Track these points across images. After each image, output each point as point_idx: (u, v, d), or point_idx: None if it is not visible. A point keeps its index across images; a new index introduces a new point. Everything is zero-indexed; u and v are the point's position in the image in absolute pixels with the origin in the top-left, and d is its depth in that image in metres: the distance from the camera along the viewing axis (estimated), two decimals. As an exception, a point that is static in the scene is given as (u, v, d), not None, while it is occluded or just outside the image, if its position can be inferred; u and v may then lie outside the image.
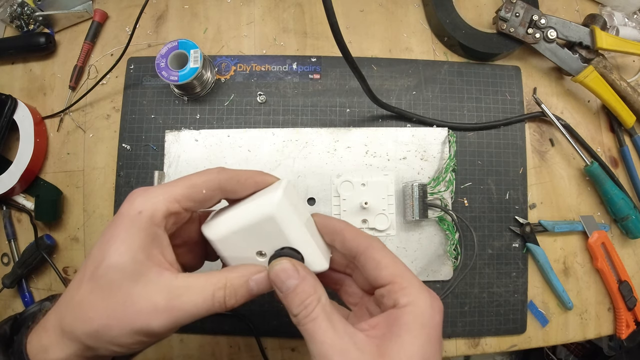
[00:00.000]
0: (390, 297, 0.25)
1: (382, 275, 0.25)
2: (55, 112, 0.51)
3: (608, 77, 0.50)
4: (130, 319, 0.23)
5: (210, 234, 0.27)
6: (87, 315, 0.23)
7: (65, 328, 0.24)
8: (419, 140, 0.49)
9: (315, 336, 0.23)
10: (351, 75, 0.48)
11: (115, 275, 0.23)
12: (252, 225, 0.26)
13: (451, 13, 0.51)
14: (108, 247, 0.24)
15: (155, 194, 0.25)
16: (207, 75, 0.49)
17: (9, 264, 0.50)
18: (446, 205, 0.47)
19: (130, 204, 0.25)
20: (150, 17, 0.53)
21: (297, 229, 0.26)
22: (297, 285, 0.24)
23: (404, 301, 0.24)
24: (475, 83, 0.51)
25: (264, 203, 0.26)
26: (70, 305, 0.24)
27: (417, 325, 0.23)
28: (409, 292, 0.24)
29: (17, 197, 0.50)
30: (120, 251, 0.23)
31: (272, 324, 0.47)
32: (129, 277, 0.23)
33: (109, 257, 0.23)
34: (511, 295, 0.48)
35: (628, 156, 0.51)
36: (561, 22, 0.49)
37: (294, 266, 0.25)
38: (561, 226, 0.49)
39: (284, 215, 0.26)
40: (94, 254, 0.24)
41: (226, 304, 0.24)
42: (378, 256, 0.26)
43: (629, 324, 0.49)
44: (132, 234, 0.24)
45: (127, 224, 0.24)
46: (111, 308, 0.23)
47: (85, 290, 0.24)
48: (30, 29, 0.53)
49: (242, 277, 0.25)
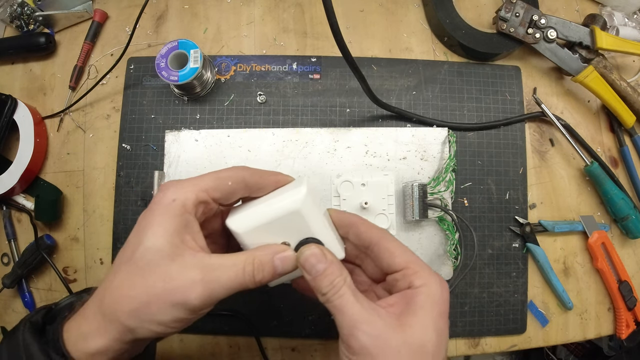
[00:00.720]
0: (405, 280, 0.28)
1: (396, 262, 0.29)
2: (55, 112, 0.51)
3: (608, 77, 0.50)
4: (170, 294, 0.24)
5: (235, 227, 0.29)
6: (127, 295, 0.25)
7: (105, 311, 0.25)
8: (419, 140, 0.49)
9: (344, 310, 0.26)
10: (351, 75, 0.48)
11: (153, 256, 0.25)
12: (278, 219, 0.28)
13: (451, 13, 0.51)
14: (145, 232, 0.26)
15: (186, 185, 0.27)
16: (207, 75, 0.49)
17: (9, 264, 0.50)
18: (446, 205, 0.47)
19: (164, 194, 0.27)
20: (150, 17, 0.53)
21: (319, 222, 0.29)
22: (326, 268, 0.27)
23: (418, 283, 0.27)
24: (475, 83, 0.51)
25: (290, 198, 0.28)
26: (110, 289, 0.26)
27: (430, 302, 0.27)
28: (422, 275, 0.28)
29: (17, 197, 0.50)
30: (158, 234, 0.25)
31: (272, 324, 0.47)
32: (166, 257, 0.25)
33: (147, 240, 0.25)
34: (511, 295, 0.48)
35: (628, 156, 0.51)
36: (561, 22, 0.49)
37: (322, 251, 0.28)
38: (561, 226, 0.49)
39: (308, 209, 0.28)
40: (131, 240, 0.26)
41: (255, 277, 0.27)
42: (391, 246, 0.29)
43: (629, 324, 0.49)
44: (167, 220, 0.26)
45: (162, 211, 0.26)
46: (150, 285, 0.24)
47: (123, 272, 0.25)
48: (30, 29, 0.53)
49: (268, 255, 0.28)
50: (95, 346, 0.25)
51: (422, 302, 0.27)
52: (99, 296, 0.26)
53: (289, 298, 0.47)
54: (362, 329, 0.25)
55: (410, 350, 0.25)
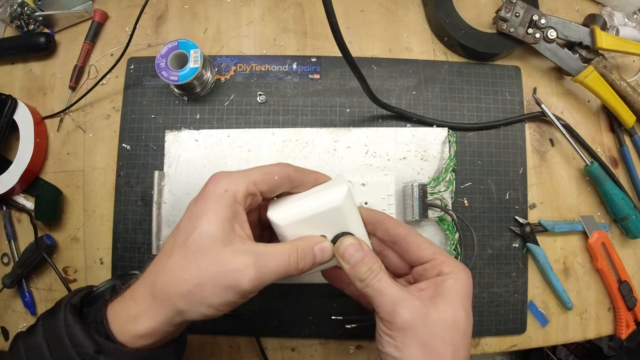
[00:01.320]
0: (434, 269, 0.31)
1: (425, 254, 0.31)
2: (55, 112, 0.51)
3: (608, 77, 0.50)
4: (223, 277, 0.26)
5: (277, 220, 0.30)
6: (181, 277, 0.26)
7: (157, 293, 0.26)
8: (419, 140, 0.49)
9: (384, 291, 0.28)
10: (351, 75, 0.48)
11: (207, 241, 0.26)
12: (319, 214, 0.30)
13: (451, 13, 0.51)
14: (199, 219, 0.27)
15: (237, 176, 0.29)
16: (207, 75, 0.49)
17: (9, 264, 0.50)
18: (446, 205, 0.47)
19: (217, 184, 0.28)
20: (150, 17, 0.53)
21: (356, 218, 0.32)
22: (364, 256, 0.29)
23: (447, 270, 0.30)
24: (475, 83, 0.51)
25: (333, 195, 0.31)
26: (163, 272, 0.27)
27: (458, 286, 0.29)
28: (450, 264, 0.31)
29: (17, 197, 0.50)
30: (211, 222, 0.27)
31: (272, 324, 0.47)
32: (219, 243, 0.26)
33: (201, 227, 0.27)
34: (511, 295, 0.48)
35: (628, 156, 0.51)
36: (561, 22, 0.49)
37: (359, 242, 0.30)
38: (561, 226, 0.49)
39: (347, 206, 0.31)
40: (183, 227, 0.28)
41: (298, 265, 0.28)
42: (418, 240, 0.32)
43: (629, 324, 0.49)
44: (219, 208, 0.27)
45: (215, 200, 0.28)
46: (204, 268, 0.26)
47: (177, 256, 0.27)
48: (30, 29, 0.53)
49: (309, 245, 0.30)
50: (144, 328, 0.26)
51: (451, 285, 0.29)
52: (150, 279, 0.27)
53: (289, 298, 0.47)
54: (403, 305, 0.28)
55: (445, 325, 0.28)
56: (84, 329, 0.26)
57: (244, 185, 0.29)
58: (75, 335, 0.26)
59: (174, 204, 0.47)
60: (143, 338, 0.26)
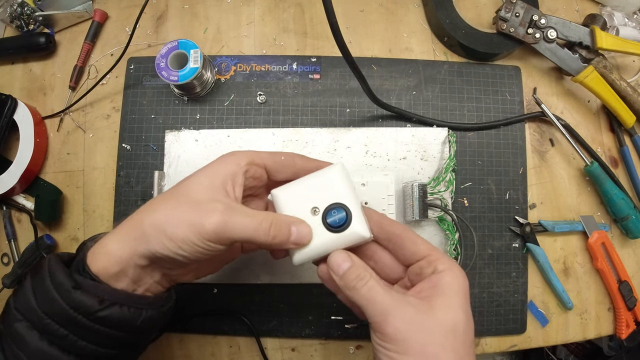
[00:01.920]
0: (429, 266, 0.30)
1: (420, 250, 0.31)
2: (55, 112, 0.51)
3: (608, 77, 0.50)
4: (190, 214, 0.27)
5: (275, 192, 0.32)
6: (157, 208, 0.29)
7: (133, 219, 0.29)
8: (419, 140, 0.49)
9: (374, 299, 0.27)
10: (351, 75, 0.48)
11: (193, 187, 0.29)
12: (313, 186, 0.32)
13: (451, 13, 0.51)
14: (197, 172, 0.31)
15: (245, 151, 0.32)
16: (207, 75, 0.49)
17: (9, 264, 0.50)
18: (446, 205, 0.47)
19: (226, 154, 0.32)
20: (150, 17, 0.53)
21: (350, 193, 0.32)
22: (351, 266, 0.29)
23: (442, 267, 0.29)
24: (475, 83, 0.51)
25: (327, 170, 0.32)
26: (146, 206, 0.30)
27: (456, 284, 0.28)
28: (445, 260, 0.30)
29: (17, 197, 0.50)
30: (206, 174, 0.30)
31: (272, 324, 0.47)
32: (203, 191, 0.29)
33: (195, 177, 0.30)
34: (511, 295, 0.48)
35: (628, 156, 0.51)
36: (561, 22, 0.49)
37: (347, 254, 0.30)
38: (561, 226, 0.49)
39: (341, 177, 0.32)
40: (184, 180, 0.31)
41: (269, 233, 0.29)
42: (413, 236, 0.32)
43: (629, 324, 0.49)
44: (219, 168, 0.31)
45: (218, 161, 0.31)
46: (180, 205, 0.28)
47: (160, 197, 0.30)
48: (30, 29, 0.53)
49: (287, 221, 0.30)
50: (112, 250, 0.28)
51: (448, 283, 0.28)
52: (132, 216, 0.30)
53: (289, 298, 0.47)
54: (394, 314, 0.26)
55: (443, 330, 0.26)
56: (64, 270, 0.27)
57: (250, 154, 0.32)
58: (57, 276, 0.27)
59: (174, 204, 0.47)
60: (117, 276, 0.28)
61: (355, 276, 0.29)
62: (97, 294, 0.27)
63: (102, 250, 0.28)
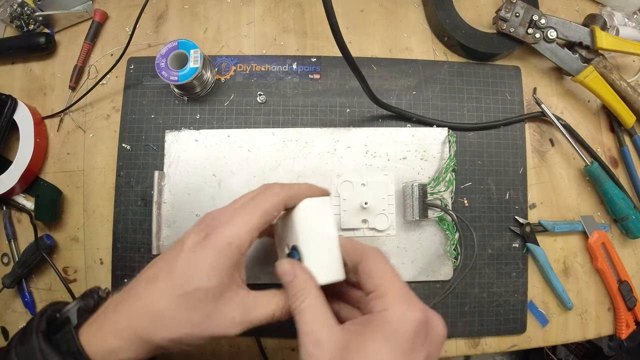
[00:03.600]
0: (371, 303, 0.27)
1: (369, 283, 0.28)
2: (55, 112, 0.51)
3: (608, 77, 0.50)
4: (212, 330, 0.27)
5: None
6: (172, 326, 0.27)
7: (143, 335, 0.26)
8: (419, 140, 0.49)
9: (299, 325, 0.27)
10: (351, 75, 0.48)
11: (202, 295, 0.27)
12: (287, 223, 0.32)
13: (451, 13, 0.51)
14: (198, 271, 0.27)
15: (239, 224, 0.29)
16: (207, 75, 0.49)
17: (9, 264, 0.50)
18: (446, 205, 0.47)
19: (219, 234, 0.28)
20: (150, 17, 0.53)
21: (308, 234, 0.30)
22: (291, 281, 0.28)
23: (378, 308, 0.26)
24: (475, 83, 0.51)
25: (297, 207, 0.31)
26: (151, 316, 0.27)
27: (384, 331, 0.25)
28: (385, 300, 0.26)
29: (17, 197, 0.50)
30: (210, 276, 0.27)
31: (272, 324, 0.47)
32: (212, 297, 0.27)
33: (199, 281, 0.27)
34: (511, 295, 0.48)
35: (628, 156, 0.51)
36: (561, 22, 0.49)
37: (292, 265, 0.29)
38: (561, 226, 0.49)
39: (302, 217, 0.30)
40: (181, 270, 0.27)
41: (281, 318, 0.30)
42: (368, 267, 0.28)
43: (629, 324, 0.49)
44: (221, 262, 0.27)
45: (217, 252, 0.27)
46: (196, 320, 0.27)
47: (171, 304, 0.27)
48: (30, 29, 0.53)
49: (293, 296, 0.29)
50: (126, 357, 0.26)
51: (375, 329, 0.25)
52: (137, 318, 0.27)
53: (289, 298, 0.47)
54: (307, 340, 0.26)
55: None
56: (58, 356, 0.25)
57: (248, 235, 0.29)
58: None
59: (174, 204, 0.47)
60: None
61: (292, 294, 0.28)
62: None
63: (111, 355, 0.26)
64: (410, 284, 0.47)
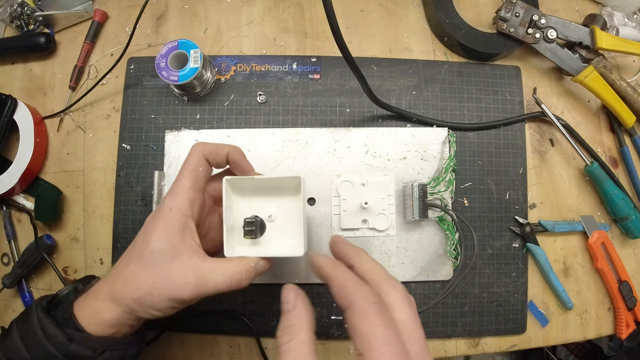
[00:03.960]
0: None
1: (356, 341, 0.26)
2: (55, 112, 0.51)
3: (608, 77, 0.50)
4: (167, 290, 0.30)
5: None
6: (134, 286, 0.30)
7: (115, 295, 0.31)
8: (419, 140, 0.49)
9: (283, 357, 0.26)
10: (351, 75, 0.48)
11: (157, 257, 0.30)
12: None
13: (451, 13, 0.51)
14: (151, 235, 0.31)
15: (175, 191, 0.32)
16: (207, 75, 0.49)
17: (9, 264, 0.50)
18: (446, 205, 0.47)
19: (163, 205, 0.32)
20: (150, 17, 0.53)
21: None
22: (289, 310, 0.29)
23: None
24: (475, 83, 0.51)
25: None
26: (121, 278, 0.31)
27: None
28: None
29: (17, 197, 0.50)
30: (161, 239, 0.31)
31: (272, 324, 0.47)
32: (167, 258, 0.30)
33: (153, 243, 0.30)
34: (511, 295, 0.48)
35: (628, 156, 0.51)
36: (561, 22, 0.49)
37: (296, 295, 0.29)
38: (561, 226, 0.49)
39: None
40: (139, 239, 0.32)
41: (241, 283, 0.32)
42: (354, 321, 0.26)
43: (629, 324, 0.49)
44: (167, 225, 0.31)
45: (163, 219, 0.31)
46: (153, 280, 0.30)
47: (133, 267, 0.31)
48: (30, 29, 0.53)
49: (251, 263, 0.32)
50: (107, 318, 0.31)
51: None
52: (110, 282, 0.32)
53: (289, 298, 0.47)
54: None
55: None
56: (55, 324, 0.30)
57: (185, 199, 0.32)
58: (48, 329, 0.30)
59: (174, 204, 0.47)
60: (107, 327, 0.31)
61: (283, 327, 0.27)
62: (89, 344, 0.30)
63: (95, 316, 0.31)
64: (410, 284, 0.48)
